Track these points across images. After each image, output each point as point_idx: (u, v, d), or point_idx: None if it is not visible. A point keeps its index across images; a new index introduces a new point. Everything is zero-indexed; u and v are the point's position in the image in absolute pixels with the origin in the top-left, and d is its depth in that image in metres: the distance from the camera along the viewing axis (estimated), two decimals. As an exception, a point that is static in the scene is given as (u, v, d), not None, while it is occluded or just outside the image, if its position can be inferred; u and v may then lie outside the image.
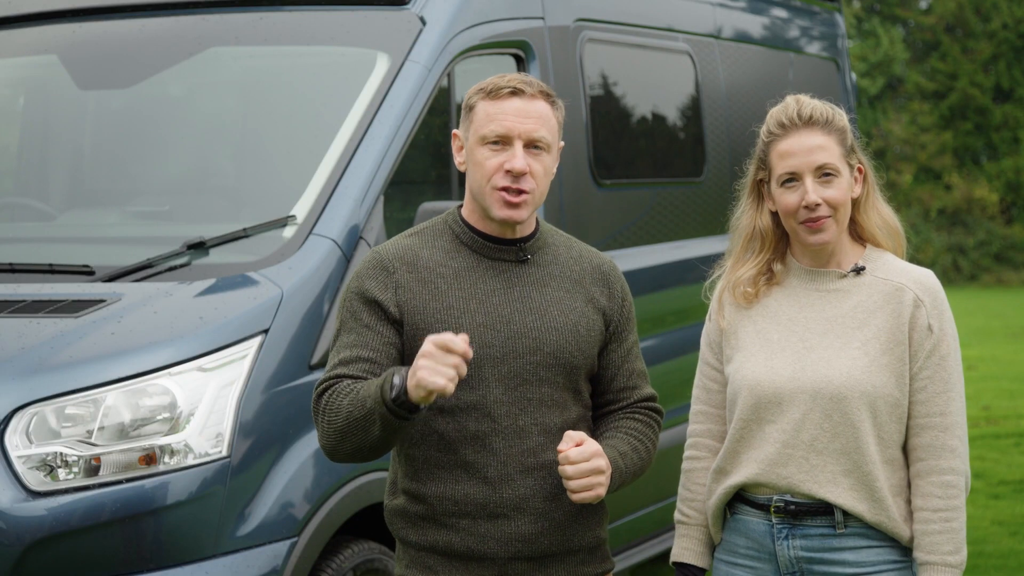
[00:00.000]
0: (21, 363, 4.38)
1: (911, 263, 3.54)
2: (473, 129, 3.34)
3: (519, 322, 3.33)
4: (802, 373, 3.41)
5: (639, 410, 3.51)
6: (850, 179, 3.47)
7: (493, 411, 3.30)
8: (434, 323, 3.28)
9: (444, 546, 3.33)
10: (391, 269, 3.34)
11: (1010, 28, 32.90)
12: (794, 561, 3.44)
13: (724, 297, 3.59)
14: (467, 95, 3.38)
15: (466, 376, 3.19)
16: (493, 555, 3.32)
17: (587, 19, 6.25)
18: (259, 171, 5.57)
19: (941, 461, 3.39)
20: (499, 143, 3.31)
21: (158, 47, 5.66)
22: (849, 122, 3.51)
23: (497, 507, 3.31)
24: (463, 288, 3.33)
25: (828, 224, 3.44)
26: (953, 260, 30.24)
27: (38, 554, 4.21)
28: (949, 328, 3.44)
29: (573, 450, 3.26)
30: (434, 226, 3.44)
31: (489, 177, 3.32)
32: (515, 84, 3.33)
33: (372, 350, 3.30)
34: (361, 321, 3.31)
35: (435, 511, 3.33)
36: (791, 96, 3.54)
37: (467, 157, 3.37)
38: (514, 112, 3.31)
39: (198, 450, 4.34)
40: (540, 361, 3.34)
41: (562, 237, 3.48)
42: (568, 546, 3.39)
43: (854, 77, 9.10)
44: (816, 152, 3.44)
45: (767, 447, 3.42)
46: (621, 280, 3.53)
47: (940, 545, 3.37)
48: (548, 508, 3.34)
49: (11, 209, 5.85)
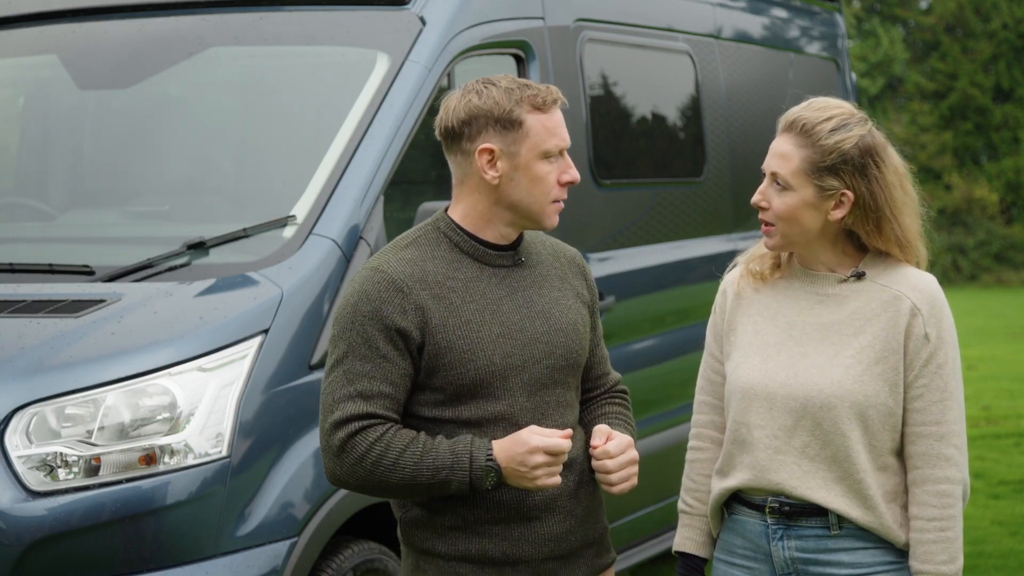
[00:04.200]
0: (21, 363, 4.38)
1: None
2: (530, 144, 3.28)
3: (530, 328, 3.33)
4: (794, 380, 3.39)
5: (617, 395, 3.57)
6: (817, 200, 3.35)
7: (519, 419, 3.30)
8: (455, 340, 3.25)
9: (478, 554, 3.32)
10: (406, 290, 3.26)
11: (1010, 28, 32.91)
12: (789, 562, 3.44)
13: (729, 288, 3.58)
14: (500, 106, 3.27)
15: (491, 388, 3.26)
16: (528, 558, 3.33)
17: (587, 19, 6.25)
18: (259, 171, 5.57)
19: (936, 470, 3.37)
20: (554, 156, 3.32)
21: (158, 47, 5.66)
22: (857, 149, 3.35)
23: (529, 509, 3.32)
24: (475, 300, 3.30)
25: (773, 232, 3.40)
26: (953, 260, 30.24)
27: (38, 554, 4.21)
28: (948, 336, 3.39)
29: (611, 444, 3.33)
30: (427, 235, 3.37)
31: (551, 190, 3.32)
32: (556, 95, 3.33)
33: (391, 384, 3.25)
34: (377, 350, 3.24)
35: (466, 520, 3.31)
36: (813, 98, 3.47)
37: (515, 171, 3.29)
38: (561, 123, 3.33)
39: (198, 450, 4.34)
40: (554, 364, 3.35)
41: (532, 234, 3.48)
42: (587, 540, 3.43)
43: (854, 77, 9.09)
44: (776, 158, 3.39)
45: (758, 452, 3.42)
46: (590, 269, 3.59)
47: (935, 555, 3.36)
48: (572, 505, 3.38)
49: (11, 209, 5.84)
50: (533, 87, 3.31)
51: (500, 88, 3.30)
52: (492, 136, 3.28)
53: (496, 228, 3.35)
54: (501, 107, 3.28)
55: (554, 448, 3.20)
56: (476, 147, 3.29)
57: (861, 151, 3.36)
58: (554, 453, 3.21)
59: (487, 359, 3.26)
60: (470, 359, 3.25)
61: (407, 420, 3.31)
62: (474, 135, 3.30)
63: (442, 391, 3.28)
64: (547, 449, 3.20)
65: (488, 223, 3.35)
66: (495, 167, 3.30)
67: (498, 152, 3.29)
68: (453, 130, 3.32)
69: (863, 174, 3.36)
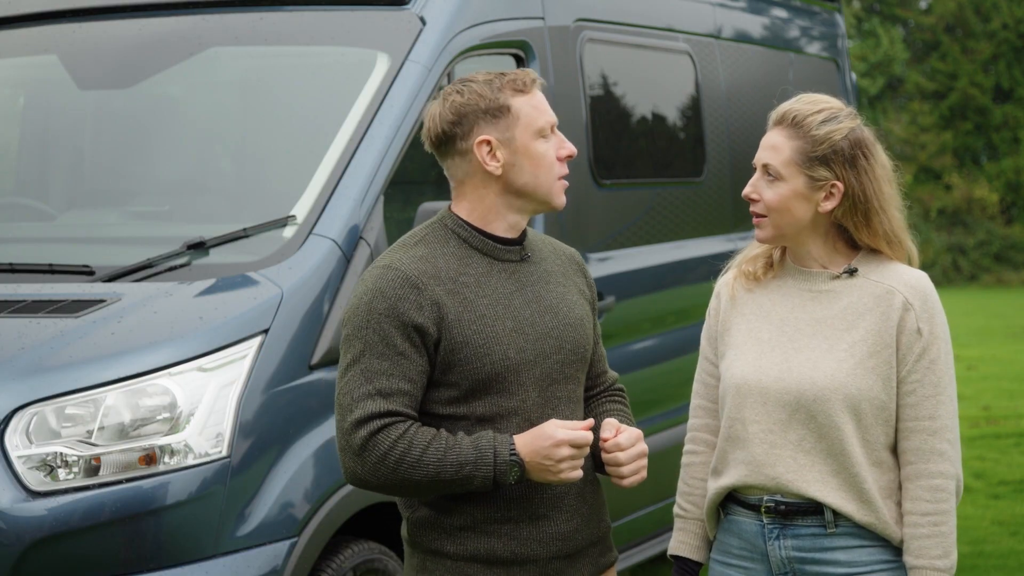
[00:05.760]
0: (21, 363, 4.38)
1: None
2: (523, 125, 3.31)
3: (541, 323, 3.34)
4: (788, 374, 3.40)
5: (616, 393, 3.58)
6: (807, 191, 3.38)
7: (531, 415, 3.31)
8: (471, 335, 3.26)
9: (486, 554, 3.32)
10: (421, 286, 3.26)
11: (1010, 28, 32.92)
12: (786, 561, 3.44)
13: (723, 291, 3.59)
14: (485, 98, 3.30)
15: (505, 383, 3.27)
16: (536, 557, 3.33)
17: (587, 19, 6.25)
18: (259, 171, 5.57)
19: (930, 465, 3.38)
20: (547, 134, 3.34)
21: (158, 47, 5.66)
22: (847, 141, 3.39)
23: (537, 508, 3.33)
24: (487, 295, 3.30)
25: (764, 223, 3.43)
26: (953, 260, 30.25)
27: (38, 554, 4.21)
28: (940, 331, 3.41)
29: (622, 437, 3.33)
30: (435, 233, 3.37)
31: (553, 167, 3.35)
32: (534, 75, 3.36)
33: (409, 381, 3.25)
34: (395, 348, 3.23)
35: (475, 519, 3.31)
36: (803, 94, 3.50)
37: (516, 156, 3.31)
38: (544, 102, 3.36)
39: (198, 450, 4.34)
40: (564, 359, 3.36)
41: (530, 231, 3.48)
42: (592, 538, 3.43)
43: (854, 77, 9.10)
44: (767, 150, 3.42)
45: (754, 447, 3.42)
46: (588, 267, 3.61)
47: (929, 549, 3.36)
48: (578, 504, 3.38)
49: (11, 209, 5.84)
50: (509, 73, 3.35)
51: (479, 82, 3.34)
52: (485, 127, 3.31)
53: (504, 220, 3.36)
54: (486, 98, 3.31)
55: (579, 440, 3.22)
56: (472, 142, 3.31)
57: (851, 143, 3.40)
58: (578, 445, 3.22)
59: (502, 353, 3.27)
60: (486, 353, 3.26)
61: (422, 418, 3.31)
62: (467, 132, 3.31)
63: (457, 387, 3.28)
64: (572, 441, 3.21)
65: (496, 215, 3.35)
66: (496, 157, 3.31)
67: (495, 142, 3.31)
68: (444, 134, 3.33)
69: (853, 165, 3.40)
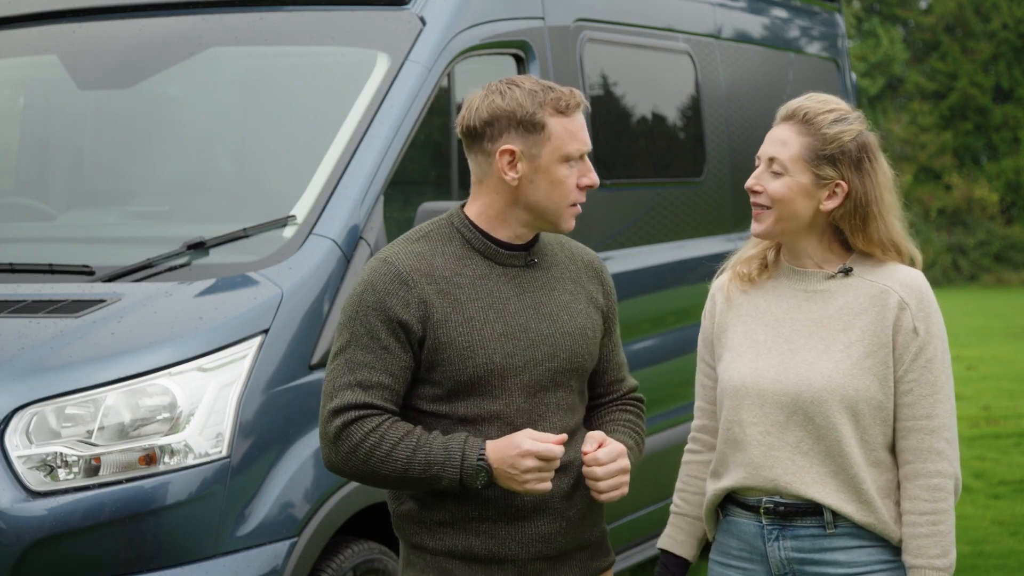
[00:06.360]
0: (21, 363, 4.38)
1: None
2: (552, 147, 3.29)
3: (535, 330, 3.33)
4: (784, 375, 3.40)
5: (629, 402, 3.56)
6: (812, 188, 3.39)
7: (515, 420, 3.30)
8: (456, 336, 3.26)
9: (464, 550, 3.33)
10: (411, 283, 3.27)
11: (1010, 28, 32.91)
12: (785, 562, 3.44)
13: (718, 293, 3.59)
14: (524, 108, 3.28)
15: (489, 387, 3.27)
16: (514, 557, 3.33)
17: (587, 19, 6.25)
18: (259, 171, 5.57)
19: (928, 464, 3.38)
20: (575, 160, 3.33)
21: (158, 47, 5.66)
22: (855, 143, 3.41)
23: (518, 510, 3.32)
24: (480, 297, 3.30)
25: (765, 216, 3.43)
26: (953, 260, 30.24)
27: (38, 554, 4.22)
28: (936, 330, 3.41)
29: (601, 451, 3.30)
30: (440, 230, 3.38)
31: (570, 194, 3.33)
32: (579, 98, 3.34)
33: (391, 376, 3.26)
34: (379, 341, 3.25)
35: (454, 516, 3.32)
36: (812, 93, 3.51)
37: (535, 173, 3.30)
38: (583, 127, 3.34)
39: (198, 450, 4.34)
40: (556, 368, 3.35)
41: (550, 236, 3.48)
42: (580, 543, 3.41)
43: (854, 77, 9.10)
44: (774, 144, 3.43)
45: (752, 450, 3.42)
46: (609, 273, 3.57)
47: (928, 548, 3.37)
48: (564, 507, 3.36)
49: (11, 209, 5.85)
50: (556, 90, 3.32)
51: (524, 90, 3.30)
52: (514, 138, 3.29)
53: (511, 228, 3.35)
54: (524, 109, 3.28)
55: (546, 453, 3.19)
56: (497, 148, 3.30)
57: (858, 146, 3.42)
58: (546, 458, 3.20)
59: (487, 357, 3.27)
60: (469, 356, 3.26)
61: (405, 413, 3.32)
62: (495, 136, 3.30)
63: (440, 386, 3.29)
64: (539, 454, 3.19)
65: (503, 222, 3.35)
66: (515, 168, 3.30)
67: (519, 154, 3.29)
68: (475, 129, 3.32)
69: (858, 168, 3.41)
